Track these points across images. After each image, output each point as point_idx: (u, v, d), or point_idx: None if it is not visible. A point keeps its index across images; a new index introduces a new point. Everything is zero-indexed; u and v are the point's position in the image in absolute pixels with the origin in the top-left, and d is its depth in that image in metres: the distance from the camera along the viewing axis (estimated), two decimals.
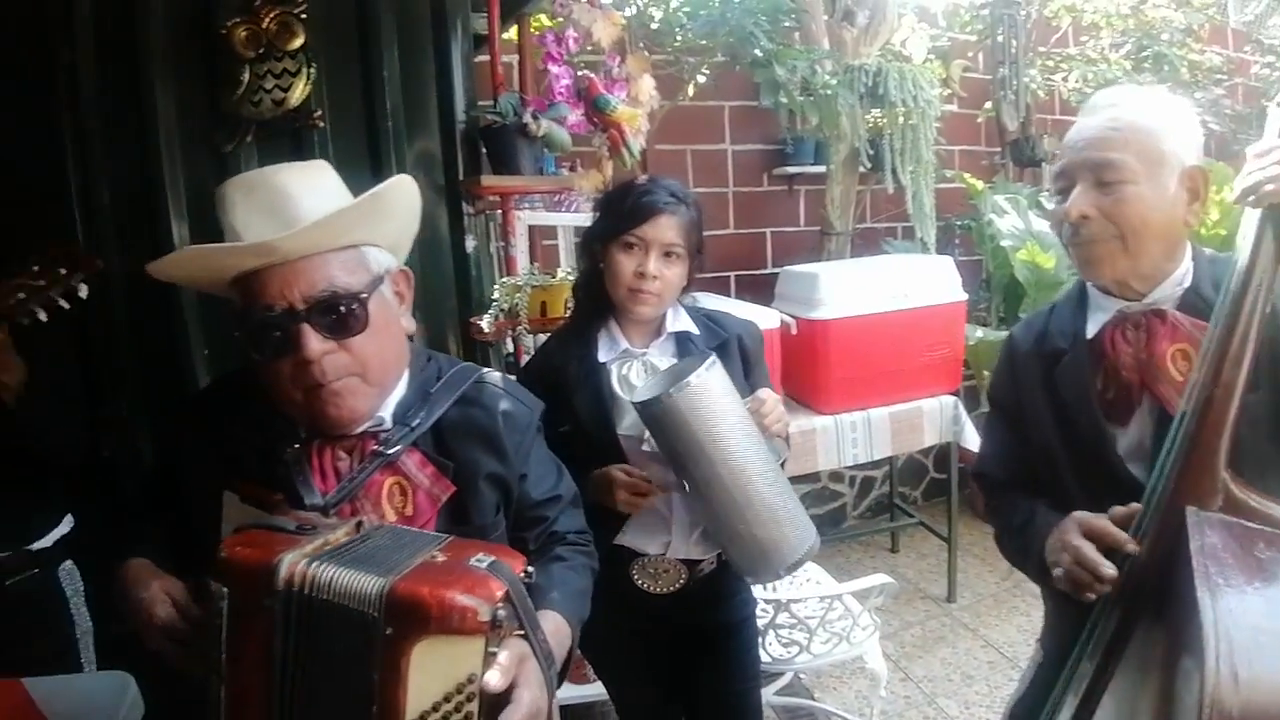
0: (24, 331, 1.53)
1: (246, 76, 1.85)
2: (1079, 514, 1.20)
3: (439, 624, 0.85)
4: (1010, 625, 3.23)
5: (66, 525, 1.78)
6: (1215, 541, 1.02)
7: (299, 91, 1.86)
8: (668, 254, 1.57)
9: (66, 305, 1.50)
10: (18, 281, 1.48)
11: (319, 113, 1.91)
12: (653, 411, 1.44)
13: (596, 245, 1.62)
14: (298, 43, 1.86)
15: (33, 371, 1.58)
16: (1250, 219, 1.12)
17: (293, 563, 0.90)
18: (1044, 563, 1.23)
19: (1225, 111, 4.81)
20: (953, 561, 3.44)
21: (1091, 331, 1.31)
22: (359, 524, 1.02)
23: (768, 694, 2.46)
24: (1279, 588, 0.97)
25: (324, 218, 1.05)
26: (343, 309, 1.06)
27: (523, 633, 0.94)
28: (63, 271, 1.49)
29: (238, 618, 0.91)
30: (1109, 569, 1.12)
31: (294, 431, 1.14)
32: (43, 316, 1.49)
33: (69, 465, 1.77)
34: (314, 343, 1.04)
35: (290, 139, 1.91)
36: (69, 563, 1.78)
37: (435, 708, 0.87)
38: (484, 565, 0.91)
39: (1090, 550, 1.14)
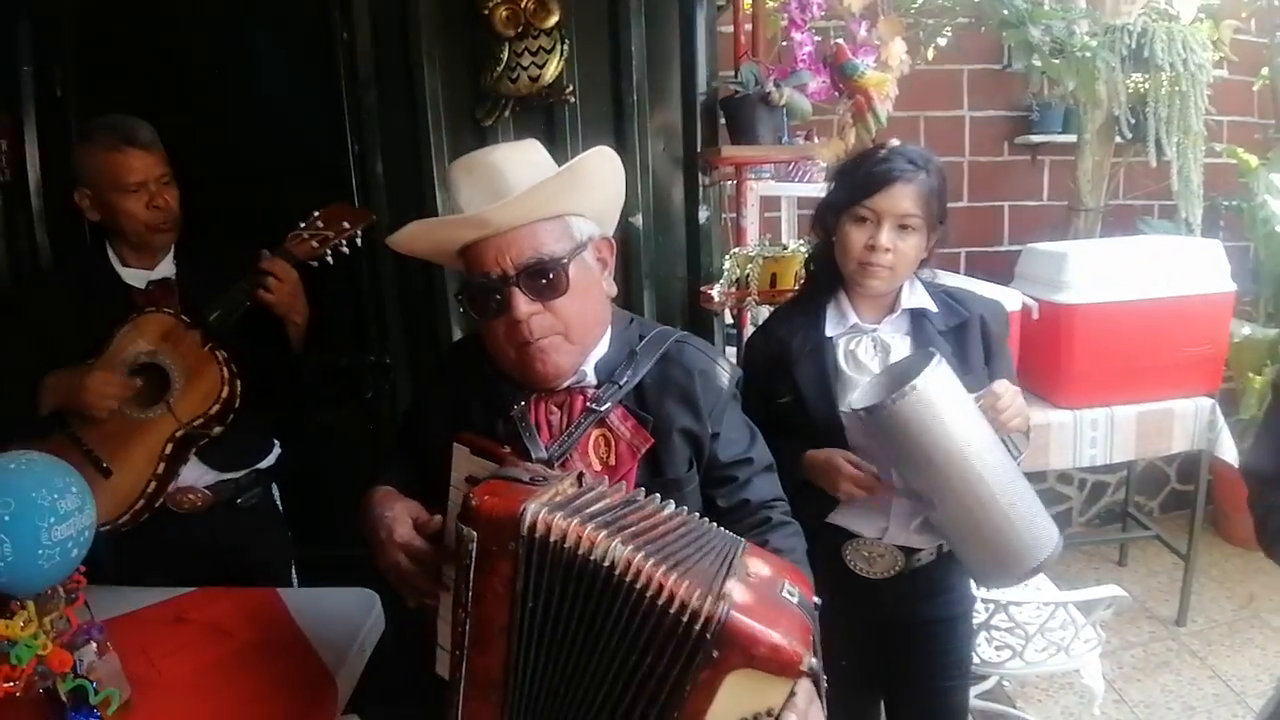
0: (309, 280, 1.76)
1: (505, 54, 1.96)
2: None
3: (763, 662, 0.91)
4: (1243, 658, 2.91)
5: (278, 447, 2.03)
6: None
7: (553, 68, 1.96)
8: (902, 226, 1.49)
9: (347, 250, 1.74)
10: (309, 230, 1.72)
11: (570, 88, 2.00)
12: (873, 419, 1.39)
13: (829, 216, 1.57)
14: (553, 20, 1.95)
15: (313, 316, 1.81)
16: None
17: (534, 511, 0.97)
18: None
19: None
20: (1188, 582, 3.14)
21: None
22: (580, 476, 1.09)
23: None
24: None
25: (526, 190, 1.14)
26: (550, 274, 1.16)
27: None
28: (345, 225, 1.72)
29: (484, 558, 0.99)
30: None
31: (517, 391, 1.24)
32: (330, 260, 1.72)
33: (321, 401, 2.01)
34: (522, 304, 1.15)
35: (543, 114, 2.02)
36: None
37: None
38: (794, 601, 0.96)
39: None
